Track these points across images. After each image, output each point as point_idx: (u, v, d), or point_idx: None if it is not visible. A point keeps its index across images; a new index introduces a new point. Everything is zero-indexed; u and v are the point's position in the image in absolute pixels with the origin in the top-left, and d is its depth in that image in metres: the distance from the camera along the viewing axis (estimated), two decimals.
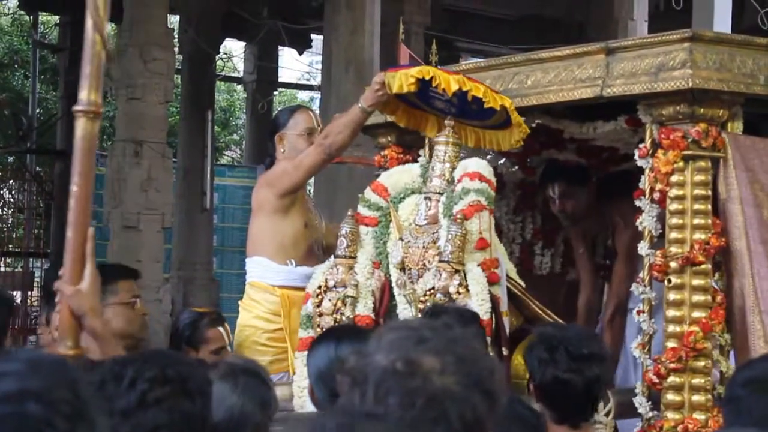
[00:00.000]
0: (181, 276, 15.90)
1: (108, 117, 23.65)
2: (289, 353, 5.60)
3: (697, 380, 4.53)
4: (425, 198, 5.08)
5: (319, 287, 5.30)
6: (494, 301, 4.72)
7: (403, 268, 5.06)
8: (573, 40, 8.89)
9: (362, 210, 5.38)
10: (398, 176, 5.41)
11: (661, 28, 4.98)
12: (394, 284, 5.15)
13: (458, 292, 4.69)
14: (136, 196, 12.67)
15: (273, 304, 5.72)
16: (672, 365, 4.51)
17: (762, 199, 4.59)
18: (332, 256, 5.37)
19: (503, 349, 4.80)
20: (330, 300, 5.23)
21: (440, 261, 4.77)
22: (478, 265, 4.74)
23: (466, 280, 4.72)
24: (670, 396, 4.55)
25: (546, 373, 3.77)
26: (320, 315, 5.22)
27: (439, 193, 5.01)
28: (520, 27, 18.84)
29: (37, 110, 22.03)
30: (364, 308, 5.10)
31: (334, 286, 5.25)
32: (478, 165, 4.97)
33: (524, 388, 5.02)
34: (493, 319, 4.67)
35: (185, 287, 15.75)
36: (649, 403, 4.63)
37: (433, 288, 4.73)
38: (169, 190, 13.20)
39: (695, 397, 4.53)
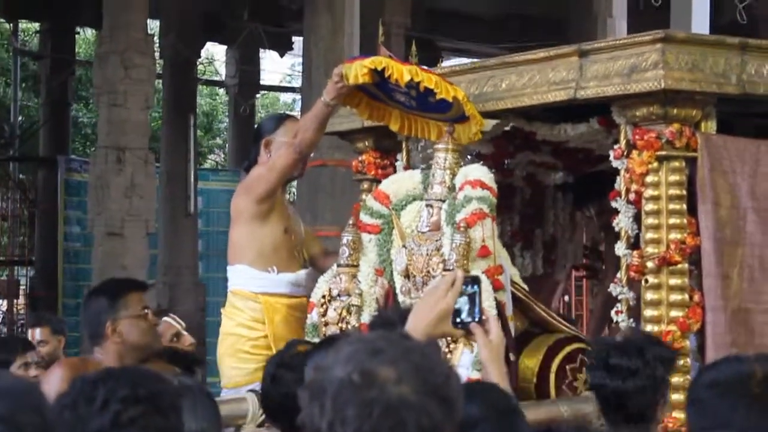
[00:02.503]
0: (167, 281, 15.91)
1: (90, 124, 23.67)
2: None
3: (676, 379, 4.54)
4: (427, 205, 5.09)
5: (323, 296, 5.35)
6: (500, 307, 4.75)
7: (407, 275, 5.09)
8: (554, 37, 8.91)
9: (364, 218, 5.40)
10: (400, 183, 5.42)
11: (639, 25, 5.01)
12: (398, 291, 5.18)
13: None
14: (119, 202, 12.68)
15: (255, 311, 5.72)
16: None
17: (722, 198, 4.62)
18: (335, 265, 5.40)
19: (510, 354, 4.84)
20: (335, 309, 5.27)
21: (445, 269, 4.80)
22: (483, 273, 4.75)
23: None
24: None
25: (588, 380, 3.94)
26: (325, 324, 5.26)
27: (440, 200, 5.03)
28: (500, 25, 18.90)
29: (20, 118, 22.02)
30: (369, 316, 5.12)
31: (338, 295, 5.29)
32: (480, 172, 4.99)
33: (531, 393, 5.06)
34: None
35: (171, 292, 15.76)
36: None
37: None
38: (153, 196, 13.22)
39: (675, 396, 4.53)
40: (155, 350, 5.19)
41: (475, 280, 3.30)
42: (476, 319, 3.25)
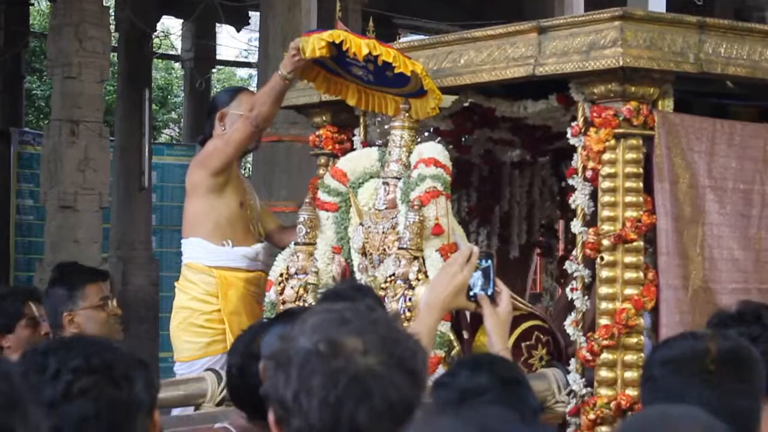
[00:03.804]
0: (120, 256, 15.83)
1: (44, 96, 23.48)
2: (227, 334, 5.59)
3: (630, 357, 4.57)
4: (383, 183, 5.09)
5: (281, 275, 5.37)
6: None
7: (364, 252, 5.10)
8: (510, 15, 8.91)
9: (322, 195, 5.40)
10: (357, 161, 5.42)
11: (596, 4, 5.01)
12: (356, 269, 5.18)
13: (418, 279, 4.73)
14: (73, 175, 12.60)
15: (209, 285, 5.70)
16: (605, 342, 4.55)
17: (680, 176, 4.64)
18: (292, 243, 5.40)
19: (464, 332, 4.86)
20: (292, 287, 5.29)
21: (399, 248, 4.80)
22: (437, 251, 4.78)
23: (425, 266, 4.76)
24: (603, 373, 4.58)
25: None
26: (283, 303, 5.26)
27: (396, 178, 5.02)
28: (458, 3, 18.85)
29: None
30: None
31: (296, 273, 5.31)
32: (434, 150, 4.98)
33: None
34: None
35: (124, 267, 15.69)
36: (583, 380, 4.67)
37: (394, 275, 4.77)
38: (107, 170, 13.14)
39: (628, 374, 4.56)
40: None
41: (489, 255, 3.39)
42: (489, 293, 3.34)
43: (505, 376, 2.97)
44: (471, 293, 3.44)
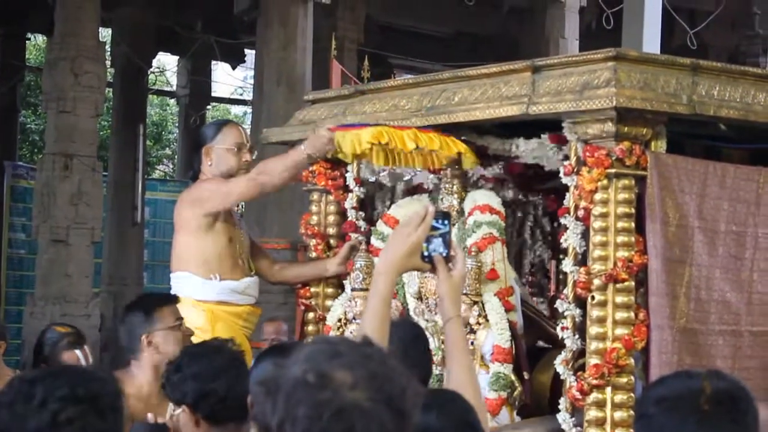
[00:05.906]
0: (111, 290, 15.79)
1: (38, 130, 23.49)
2: None
3: (620, 396, 4.55)
4: None
5: (339, 320, 5.50)
6: (512, 327, 4.94)
7: (420, 297, 5.24)
8: (505, 57, 8.94)
9: (375, 242, 5.52)
10: (408, 208, 5.50)
11: (591, 47, 5.02)
12: (411, 313, 5.28)
13: (478, 323, 4.88)
14: (65, 209, 12.58)
15: (198, 318, 5.68)
16: (595, 381, 4.53)
17: (670, 217, 4.64)
18: (349, 288, 5.55)
19: (524, 373, 4.97)
20: (351, 332, 5.37)
21: None
22: (495, 295, 4.94)
23: (485, 311, 4.91)
24: (593, 412, 4.56)
25: None
26: None
27: None
28: (453, 44, 18.94)
29: None
30: None
31: (353, 319, 5.40)
32: (487, 197, 5.16)
33: (546, 407, 5.08)
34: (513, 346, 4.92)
35: (115, 302, 15.65)
36: (573, 419, 4.65)
37: None
38: (100, 204, 13.12)
39: (618, 414, 4.54)
40: None
41: (446, 216, 3.33)
42: (444, 254, 3.27)
43: (459, 418, 2.84)
44: (425, 254, 3.33)
